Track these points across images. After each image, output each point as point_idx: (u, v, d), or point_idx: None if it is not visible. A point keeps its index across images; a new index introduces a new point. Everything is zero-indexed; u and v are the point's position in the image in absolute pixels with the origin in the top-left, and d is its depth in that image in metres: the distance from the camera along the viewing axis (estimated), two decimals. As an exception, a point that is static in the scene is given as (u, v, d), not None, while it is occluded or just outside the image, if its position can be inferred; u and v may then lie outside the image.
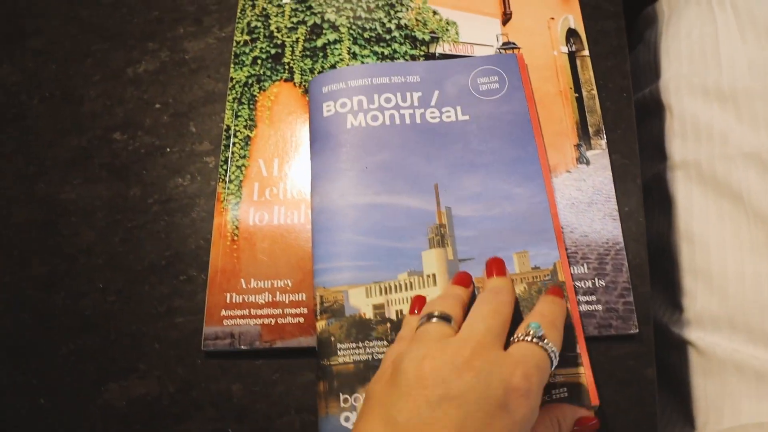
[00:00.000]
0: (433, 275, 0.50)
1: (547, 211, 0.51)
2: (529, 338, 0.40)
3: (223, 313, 0.51)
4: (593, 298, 0.50)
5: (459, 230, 0.51)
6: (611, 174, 0.53)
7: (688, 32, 0.60)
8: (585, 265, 0.50)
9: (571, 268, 0.50)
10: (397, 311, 0.49)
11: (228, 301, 0.51)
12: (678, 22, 0.62)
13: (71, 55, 0.65)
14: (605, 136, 0.55)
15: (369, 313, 0.49)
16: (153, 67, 0.63)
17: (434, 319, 0.41)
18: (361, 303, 0.49)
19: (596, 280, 0.50)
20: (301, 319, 0.51)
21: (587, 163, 0.54)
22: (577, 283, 0.50)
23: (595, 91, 0.56)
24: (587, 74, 0.57)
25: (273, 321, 0.51)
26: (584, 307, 0.49)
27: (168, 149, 0.60)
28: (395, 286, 0.50)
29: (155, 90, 0.62)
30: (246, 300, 0.51)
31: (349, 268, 0.50)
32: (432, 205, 0.52)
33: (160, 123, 0.61)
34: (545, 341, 0.40)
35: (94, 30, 0.66)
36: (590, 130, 0.55)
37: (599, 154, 0.54)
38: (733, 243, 0.53)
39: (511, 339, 0.41)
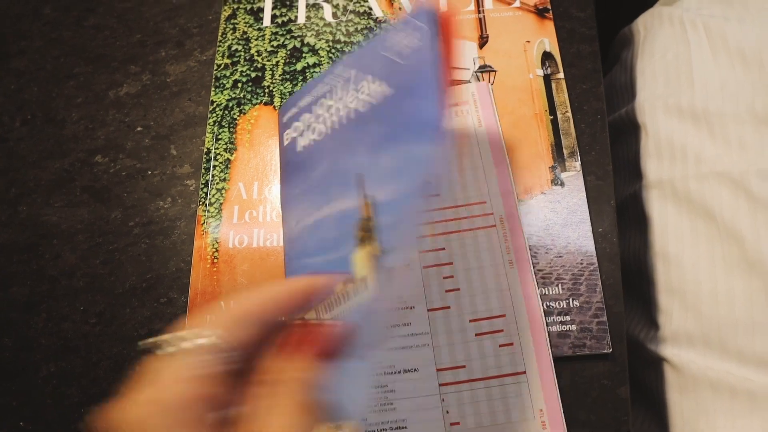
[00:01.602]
0: (365, 279, 0.43)
1: None
2: None
3: None
4: (567, 318, 0.50)
5: (382, 218, 0.43)
6: (585, 195, 0.54)
7: (662, 53, 0.61)
8: (559, 286, 0.51)
9: (546, 289, 0.51)
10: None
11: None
12: (653, 42, 0.63)
13: (54, 77, 0.66)
14: (579, 158, 0.56)
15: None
16: (135, 90, 0.64)
17: None
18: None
19: (570, 300, 0.51)
20: None
21: (561, 184, 0.55)
22: (552, 304, 0.51)
23: (569, 114, 0.57)
24: (562, 97, 0.58)
25: None
26: (558, 327, 0.50)
27: (149, 172, 0.60)
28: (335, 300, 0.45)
29: (137, 113, 0.63)
30: None
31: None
32: (359, 200, 0.45)
33: (142, 146, 0.61)
34: None
35: (77, 52, 0.67)
36: (565, 152, 0.56)
37: (573, 175, 0.55)
38: (707, 261, 0.53)
39: None
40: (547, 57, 0.60)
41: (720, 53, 0.57)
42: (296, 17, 0.64)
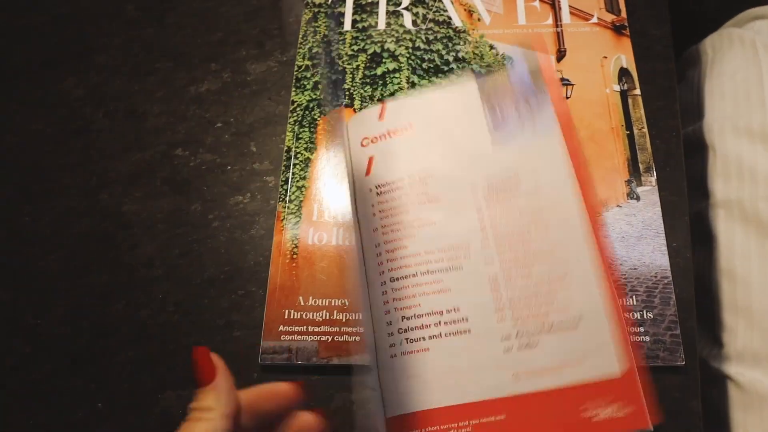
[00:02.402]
0: None
1: None
2: None
3: (281, 328, 0.53)
4: (641, 329, 0.51)
5: None
6: (660, 209, 0.55)
7: (732, 74, 0.62)
8: (634, 297, 0.52)
9: (621, 300, 0.52)
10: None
11: (286, 317, 0.53)
12: (722, 63, 0.63)
13: (135, 72, 0.67)
14: (655, 173, 0.56)
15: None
16: (215, 87, 0.65)
17: None
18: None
19: (644, 312, 0.51)
20: (358, 338, 0.52)
21: (637, 198, 0.55)
22: (626, 315, 0.51)
23: (645, 129, 0.58)
24: (638, 112, 0.59)
25: (330, 338, 0.52)
26: (632, 338, 0.51)
27: (229, 167, 0.61)
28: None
29: (217, 109, 0.64)
30: (304, 317, 0.53)
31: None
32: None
33: (222, 141, 0.63)
34: None
35: (158, 49, 0.68)
36: (641, 167, 0.57)
37: (649, 190, 0.56)
38: None
39: None
40: (623, 73, 0.60)
41: None
42: (376, 23, 0.65)
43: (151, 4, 0.71)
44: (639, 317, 0.51)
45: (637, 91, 0.59)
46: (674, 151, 0.57)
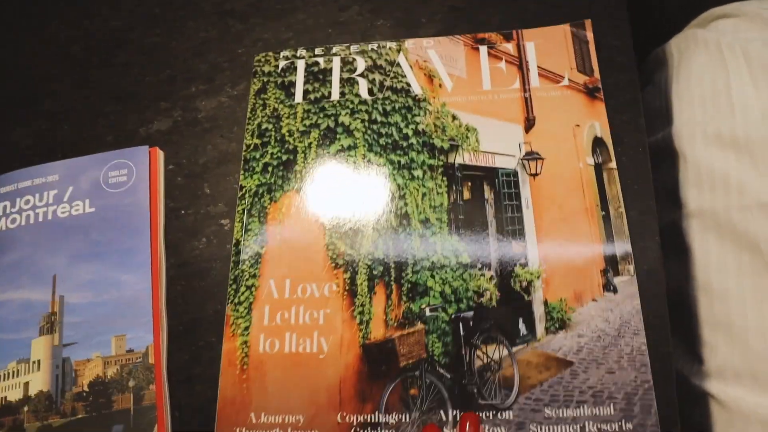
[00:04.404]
0: (38, 361, 0.55)
1: (149, 298, 0.55)
2: None
3: None
4: (620, 440, 0.47)
5: (68, 317, 0.56)
6: (639, 303, 0.51)
7: (699, 77, 0.60)
8: (611, 406, 0.48)
9: (597, 409, 0.48)
10: (1, 398, 0.54)
11: None
12: (689, 66, 0.61)
13: (84, 116, 0.65)
14: (633, 261, 0.52)
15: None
16: (166, 127, 0.63)
17: None
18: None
19: (623, 422, 0.48)
20: None
21: (614, 291, 0.51)
22: (603, 426, 0.48)
23: (622, 209, 0.54)
24: (614, 189, 0.54)
25: None
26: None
27: (182, 211, 0.60)
28: (3, 375, 0.55)
29: (169, 150, 0.62)
30: None
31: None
32: (49, 295, 0.57)
33: (174, 184, 0.61)
34: None
35: (107, 91, 0.66)
36: (617, 254, 0.52)
37: (627, 281, 0.52)
38: (754, 295, 0.52)
39: None
40: (598, 143, 0.56)
41: (760, 80, 0.55)
42: (330, 93, 0.60)
43: (98, 43, 0.69)
44: (617, 428, 0.48)
45: (613, 164, 0.55)
46: (649, 224, 0.54)
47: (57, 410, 0.53)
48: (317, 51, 0.63)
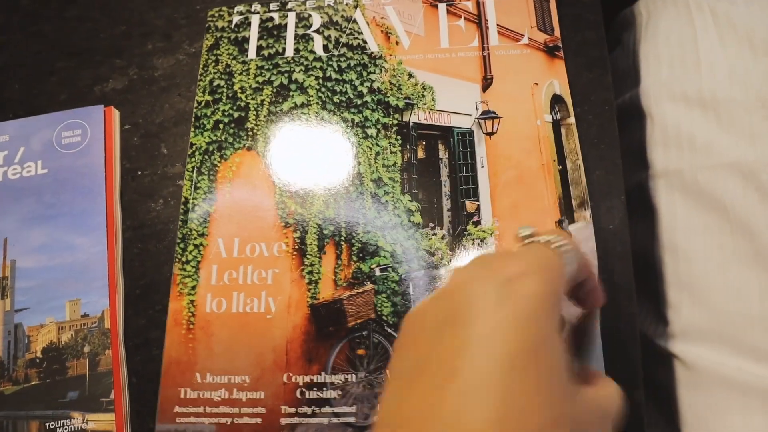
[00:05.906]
0: None
1: (104, 261, 0.54)
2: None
3: (177, 409, 0.49)
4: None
5: (20, 281, 0.55)
6: (595, 245, 0.51)
7: (666, 36, 0.59)
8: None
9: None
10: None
11: (182, 396, 0.49)
12: (656, 25, 0.60)
13: (35, 73, 0.63)
14: (590, 207, 0.51)
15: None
16: (121, 85, 0.61)
17: None
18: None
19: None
20: (259, 420, 0.48)
21: (569, 237, 0.50)
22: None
23: (580, 161, 0.53)
24: (572, 143, 0.53)
25: (229, 421, 0.49)
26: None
27: (139, 172, 0.58)
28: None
29: (124, 110, 0.60)
30: (201, 396, 0.49)
31: None
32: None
33: (131, 144, 0.59)
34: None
35: (59, 46, 0.64)
36: (573, 203, 0.52)
37: (582, 227, 0.51)
38: (718, 255, 0.52)
39: None
40: (556, 101, 0.55)
41: (727, 38, 0.55)
42: (284, 49, 0.59)
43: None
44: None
45: (572, 120, 0.54)
46: (614, 182, 0.53)
47: (9, 377, 0.52)
48: (272, 6, 0.62)
